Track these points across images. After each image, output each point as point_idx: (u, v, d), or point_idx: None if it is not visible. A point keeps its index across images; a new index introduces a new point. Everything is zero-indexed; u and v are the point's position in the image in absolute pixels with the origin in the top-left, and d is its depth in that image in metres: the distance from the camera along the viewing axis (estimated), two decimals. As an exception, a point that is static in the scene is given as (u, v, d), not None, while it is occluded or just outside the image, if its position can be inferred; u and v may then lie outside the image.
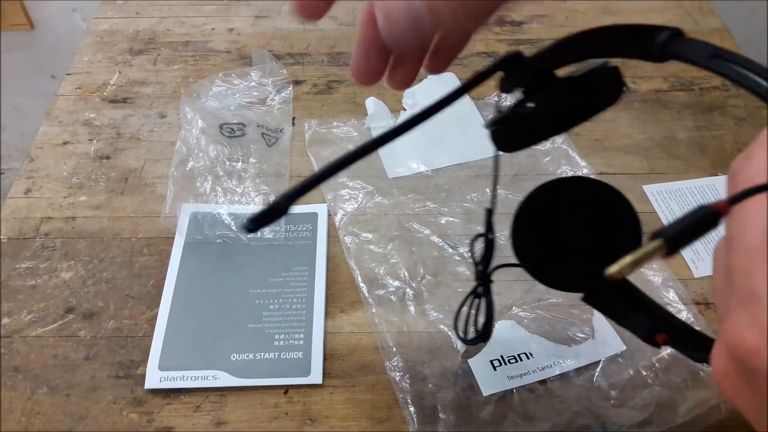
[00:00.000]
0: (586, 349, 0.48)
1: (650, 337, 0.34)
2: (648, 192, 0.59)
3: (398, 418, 0.45)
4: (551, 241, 0.36)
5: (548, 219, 0.36)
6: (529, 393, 0.46)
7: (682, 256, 0.54)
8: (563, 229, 0.35)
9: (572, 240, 0.35)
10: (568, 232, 0.35)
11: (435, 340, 0.49)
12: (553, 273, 0.36)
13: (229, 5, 0.80)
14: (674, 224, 0.23)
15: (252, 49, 0.72)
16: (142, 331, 0.50)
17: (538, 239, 0.36)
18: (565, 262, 0.36)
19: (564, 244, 0.35)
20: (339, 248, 0.55)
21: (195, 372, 0.47)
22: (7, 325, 0.50)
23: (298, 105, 0.67)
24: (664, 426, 0.44)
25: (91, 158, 0.62)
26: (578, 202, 0.35)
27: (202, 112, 0.62)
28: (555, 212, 0.36)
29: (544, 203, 0.36)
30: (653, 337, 0.34)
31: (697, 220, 0.23)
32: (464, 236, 0.55)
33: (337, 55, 0.73)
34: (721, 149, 0.63)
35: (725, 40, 0.75)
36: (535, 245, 0.36)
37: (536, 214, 0.36)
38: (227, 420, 0.45)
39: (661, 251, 0.22)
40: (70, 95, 0.68)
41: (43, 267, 0.53)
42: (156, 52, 0.73)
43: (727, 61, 0.24)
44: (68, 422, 0.45)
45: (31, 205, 0.58)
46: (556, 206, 0.36)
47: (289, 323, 0.50)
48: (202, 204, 0.57)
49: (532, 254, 0.36)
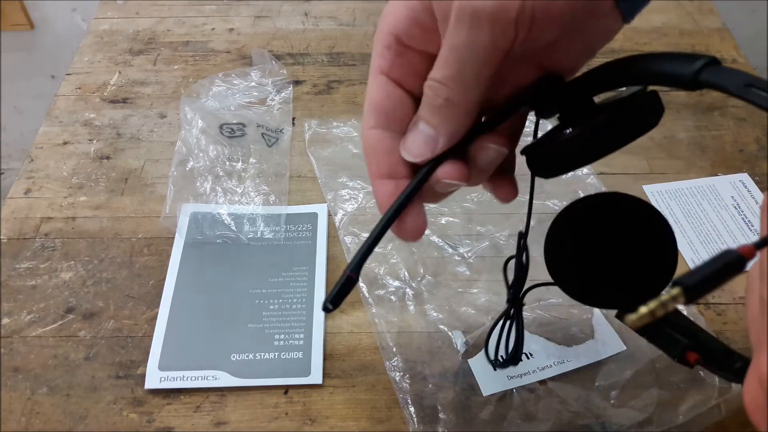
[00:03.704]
0: (586, 349, 0.48)
1: (682, 356, 0.34)
2: (648, 192, 0.59)
3: (398, 418, 0.45)
4: (586, 258, 0.35)
5: (582, 236, 0.35)
6: (529, 393, 0.46)
7: (682, 256, 0.54)
8: (598, 245, 0.35)
9: (607, 257, 0.35)
10: (603, 249, 0.35)
11: (435, 340, 0.49)
12: (588, 290, 0.35)
13: (229, 5, 0.80)
14: (696, 271, 0.22)
15: (252, 49, 0.72)
16: (142, 331, 0.50)
17: (572, 256, 0.35)
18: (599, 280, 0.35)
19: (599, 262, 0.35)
20: (339, 248, 0.55)
21: (195, 372, 0.47)
22: (7, 325, 0.50)
23: (298, 105, 0.67)
24: (664, 426, 0.44)
25: (91, 158, 0.62)
26: (613, 219, 0.35)
27: (202, 112, 0.62)
28: (589, 229, 0.35)
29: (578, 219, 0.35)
30: (685, 357, 0.34)
31: (721, 268, 0.22)
32: (464, 236, 0.55)
33: (337, 55, 0.73)
34: (721, 149, 0.63)
35: (725, 40, 0.75)
36: (569, 262, 0.35)
37: (571, 231, 0.35)
38: (227, 420, 0.45)
39: (681, 299, 0.22)
40: (70, 95, 0.68)
41: (43, 267, 0.53)
42: (156, 52, 0.73)
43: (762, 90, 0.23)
44: (68, 422, 0.45)
45: (31, 205, 0.58)
46: (591, 223, 0.35)
47: (289, 323, 0.50)
48: (202, 204, 0.57)
49: (565, 271, 0.35)
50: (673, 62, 0.26)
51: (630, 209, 0.35)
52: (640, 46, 0.73)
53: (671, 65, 0.26)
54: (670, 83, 0.27)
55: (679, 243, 0.55)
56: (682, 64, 0.26)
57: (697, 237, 0.55)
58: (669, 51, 0.27)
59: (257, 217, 0.56)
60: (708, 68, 0.25)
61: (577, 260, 0.35)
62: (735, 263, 0.22)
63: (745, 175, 0.60)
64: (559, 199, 0.57)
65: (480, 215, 0.56)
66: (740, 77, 0.24)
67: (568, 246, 0.35)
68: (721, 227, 0.56)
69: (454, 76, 0.27)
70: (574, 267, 0.35)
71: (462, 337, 0.48)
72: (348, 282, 0.29)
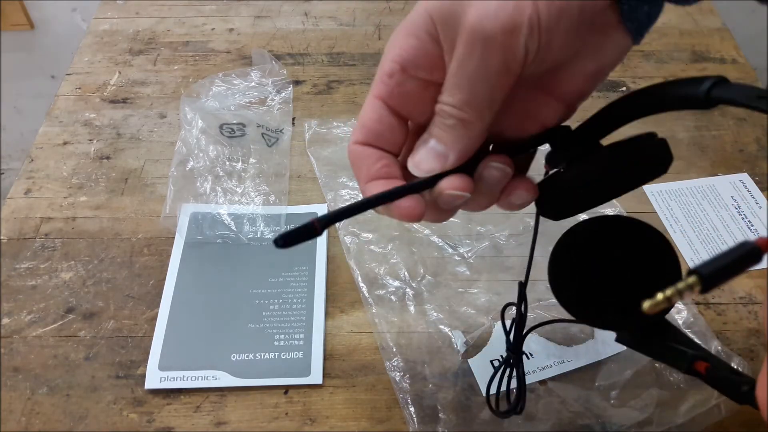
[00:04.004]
0: (586, 349, 0.48)
1: (690, 367, 0.34)
2: (648, 192, 0.59)
3: (398, 418, 0.45)
4: (588, 280, 0.35)
5: (586, 257, 0.35)
6: (529, 393, 0.46)
7: (681, 256, 0.54)
8: (601, 267, 0.35)
9: (610, 279, 0.35)
10: (606, 271, 0.35)
11: (435, 340, 0.49)
12: (591, 311, 0.36)
13: (229, 5, 0.80)
14: (712, 261, 0.22)
15: (252, 49, 0.72)
16: (142, 331, 0.50)
17: (576, 277, 0.36)
18: (602, 301, 0.35)
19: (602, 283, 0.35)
20: (339, 248, 0.55)
21: (195, 372, 0.47)
22: (7, 325, 0.50)
23: (298, 105, 0.67)
24: (664, 426, 0.44)
25: (91, 158, 0.62)
26: (616, 241, 0.35)
27: (202, 112, 0.62)
28: (593, 251, 0.35)
29: (581, 241, 0.35)
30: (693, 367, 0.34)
31: (737, 258, 0.22)
32: (464, 236, 0.55)
33: (337, 55, 0.73)
34: (721, 149, 0.63)
35: (725, 40, 0.75)
36: (572, 283, 0.36)
37: (574, 252, 0.35)
38: (227, 420, 0.45)
39: (697, 288, 0.22)
40: (70, 95, 0.68)
41: (43, 267, 0.53)
42: (156, 53, 0.73)
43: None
44: (68, 422, 0.45)
45: (31, 205, 0.58)
46: (594, 245, 0.35)
47: (289, 323, 0.50)
48: (202, 204, 0.57)
49: (568, 292, 0.36)
50: (684, 87, 0.27)
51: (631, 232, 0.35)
52: (640, 47, 0.73)
53: (683, 89, 0.27)
54: (684, 106, 0.27)
55: (679, 243, 0.55)
56: (692, 87, 0.26)
57: (697, 237, 0.55)
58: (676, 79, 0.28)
59: (257, 217, 0.56)
60: (718, 86, 0.26)
61: (580, 284, 0.35)
62: (752, 254, 0.22)
63: (745, 175, 0.60)
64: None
65: (480, 215, 0.56)
66: (750, 90, 0.25)
67: (571, 270, 0.36)
68: (721, 227, 0.56)
69: (467, 101, 0.28)
70: (577, 291, 0.36)
71: (462, 337, 0.48)
72: (309, 228, 0.28)
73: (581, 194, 0.33)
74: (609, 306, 0.35)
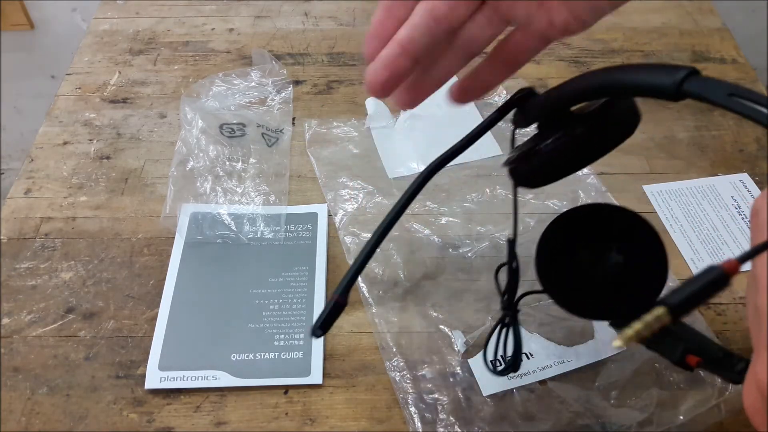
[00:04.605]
0: (586, 349, 0.48)
1: (682, 360, 0.34)
2: (648, 192, 0.59)
3: (398, 418, 0.45)
4: (576, 270, 0.35)
5: (573, 247, 0.35)
6: (529, 393, 0.46)
7: (681, 256, 0.54)
8: (588, 257, 0.35)
9: (597, 268, 0.35)
10: (593, 260, 0.35)
11: (435, 340, 0.49)
12: (579, 301, 0.36)
13: (229, 5, 0.80)
14: (679, 290, 0.22)
15: (252, 49, 0.72)
16: (142, 331, 0.50)
17: (564, 267, 0.35)
18: (590, 291, 0.35)
19: (589, 273, 0.35)
20: (339, 248, 0.55)
21: (195, 372, 0.47)
22: (7, 325, 0.50)
23: (298, 105, 0.67)
24: (664, 426, 0.44)
25: (91, 158, 0.62)
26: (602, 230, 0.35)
27: (202, 112, 0.62)
28: (580, 240, 0.35)
29: (569, 230, 0.35)
30: (685, 360, 0.34)
31: (704, 285, 0.22)
32: (464, 236, 0.55)
33: (337, 55, 0.73)
34: (721, 149, 0.63)
35: (725, 40, 0.75)
36: (560, 273, 0.36)
37: (561, 241, 0.35)
38: (227, 420, 0.45)
39: (666, 319, 0.22)
40: (70, 95, 0.68)
41: (43, 267, 0.53)
42: (156, 52, 0.73)
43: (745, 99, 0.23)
44: (68, 422, 0.45)
45: (31, 205, 0.58)
46: (581, 233, 0.35)
47: (289, 323, 0.50)
48: (202, 204, 0.57)
49: (557, 282, 0.36)
50: (655, 74, 0.26)
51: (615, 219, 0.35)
52: (640, 46, 0.73)
53: (653, 77, 0.26)
54: (652, 95, 0.26)
55: (679, 243, 0.55)
56: (664, 76, 0.26)
57: (697, 237, 0.55)
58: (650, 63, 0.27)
59: (257, 217, 0.56)
60: (690, 78, 0.25)
61: (567, 274, 0.35)
62: (718, 280, 0.22)
63: (745, 175, 0.60)
64: (559, 199, 0.57)
65: (480, 215, 0.57)
66: (723, 87, 0.24)
67: (558, 260, 0.35)
68: (721, 227, 0.56)
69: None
70: (564, 281, 0.36)
71: (462, 337, 0.48)
72: (336, 306, 0.30)
73: (559, 163, 0.33)
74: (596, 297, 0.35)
